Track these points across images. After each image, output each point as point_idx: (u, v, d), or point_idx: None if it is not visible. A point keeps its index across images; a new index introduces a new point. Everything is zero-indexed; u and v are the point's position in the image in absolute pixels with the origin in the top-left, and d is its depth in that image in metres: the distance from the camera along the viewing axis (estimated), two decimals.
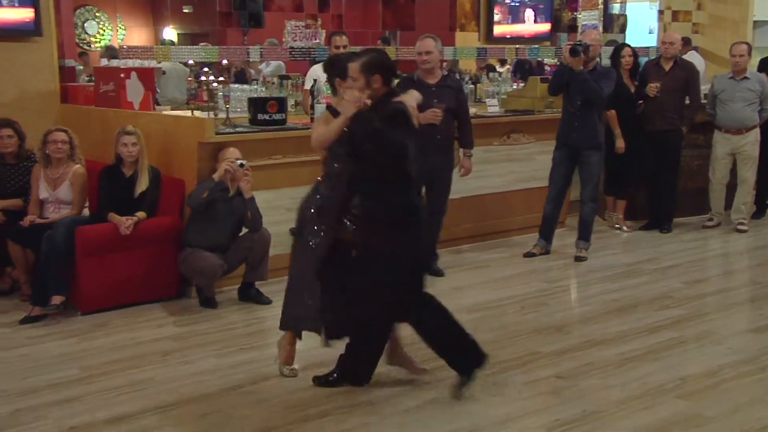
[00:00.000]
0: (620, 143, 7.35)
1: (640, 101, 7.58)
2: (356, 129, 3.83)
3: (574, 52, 6.32)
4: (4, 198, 5.82)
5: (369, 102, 3.84)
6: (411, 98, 4.07)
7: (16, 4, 6.54)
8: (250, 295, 5.55)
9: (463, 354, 4.11)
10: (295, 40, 8.31)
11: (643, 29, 11.41)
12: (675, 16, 10.54)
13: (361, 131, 3.81)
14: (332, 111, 4.14)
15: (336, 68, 4.28)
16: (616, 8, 10.52)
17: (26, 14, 6.59)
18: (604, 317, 5.34)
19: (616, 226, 7.89)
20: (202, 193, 5.33)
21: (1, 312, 5.39)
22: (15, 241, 5.51)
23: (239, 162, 5.35)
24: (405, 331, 4.22)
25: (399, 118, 3.87)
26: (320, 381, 4.18)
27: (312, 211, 4.13)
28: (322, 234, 4.06)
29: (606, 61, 7.64)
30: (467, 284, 6.08)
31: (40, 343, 4.85)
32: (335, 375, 4.17)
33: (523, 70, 10.36)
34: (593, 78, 6.44)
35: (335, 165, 4.06)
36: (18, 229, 5.52)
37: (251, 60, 8.76)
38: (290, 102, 6.98)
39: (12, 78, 6.69)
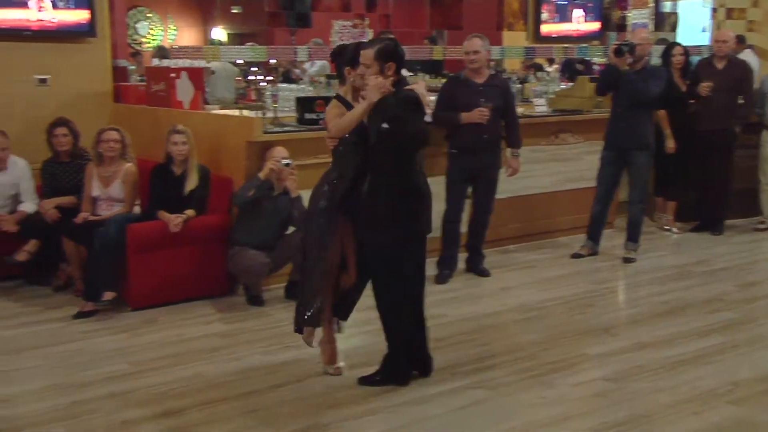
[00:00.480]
0: (671, 143, 7.24)
1: (692, 101, 7.45)
2: (379, 114, 3.88)
3: (618, 52, 6.25)
4: (58, 195, 5.96)
5: (392, 88, 3.90)
6: (421, 86, 4.21)
7: (72, 6, 6.68)
8: (296, 293, 5.58)
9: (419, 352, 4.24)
10: (342, 40, 8.35)
11: (695, 27, 11.20)
12: (729, 13, 10.31)
13: (383, 116, 3.88)
14: (341, 100, 4.16)
15: (344, 56, 4.25)
16: (667, 6, 10.36)
17: (82, 16, 6.73)
18: (653, 320, 5.27)
19: (666, 227, 7.77)
20: (248, 191, 5.38)
21: (55, 307, 5.52)
22: (69, 238, 5.64)
23: (285, 161, 5.39)
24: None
25: (413, 104, 4.00)
26: (365, 381, 4.19)
27: (322, 203, 4.14)
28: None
29: (657, 60, 7.53)
30: (514, 285, 6.05)
31: (93, 338, 4.95)
32: (378, 377, 4.19)
33: (571, 69, 10.27)
34: (642, 77, 6.36)
35: (340, 148, 4.12)
36: (72, 226, 5.64)
37: (298, 59, 8.82)
38: None
39: (68, 78, 6.83)
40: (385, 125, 3.88)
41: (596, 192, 6.78)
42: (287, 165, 5.39)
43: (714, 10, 10.61)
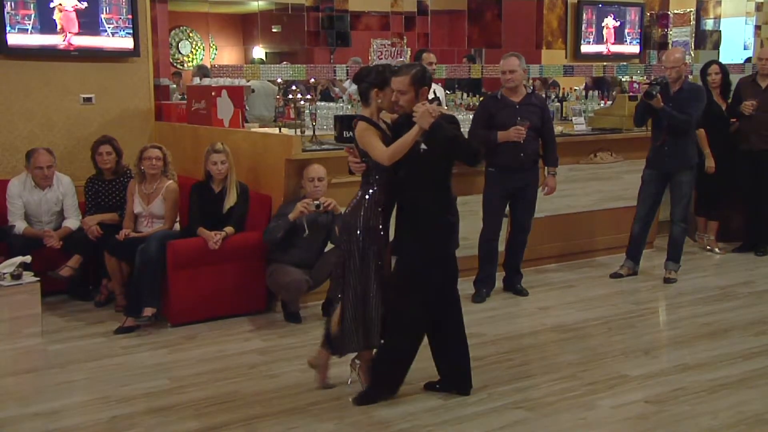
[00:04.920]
0: (710, 163, 7.16)
1: (734, 119, 7.36)
2: (435, 137, 3.96)
3: (648, 95, 6.22)
4: (101, 212, 6.06)
5: (441, 112, 3.99)
6: (443, 109, 4.35)
7: (122, 35, 6.82)
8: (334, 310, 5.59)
9: (460, 371, 4.29)
10: (381, 58, 8.40)
11: (737, 45, 11.08)
12: None
13: (440, 139, 3.97)
14: (370, 122, 4.16)
15: (370, 78, 4.21)
16: (709, 24, 10.25)
17: (127, 43, 6.88)
18: (695, 341, 5.19)
19: (708, 247, 7.67)
20: (278, 233, 5.40)
21: (98, 322, 5.60)
22: (111, 254, 5.72)
23: (315, 203, 5.39)
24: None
25: (455, 124, 4.16)
26: (361, 400, 4.18)
27: (361, 226, 4.14)
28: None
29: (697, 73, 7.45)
30: (552, 304, 6.01)
31: (134, 353, 5.02)
32: (371, 391, 4.21)
33: (605, 87, 10.18)
34: (681, 98, 6.31)
35: (377, 176, 4.14)
36: (113, 242, 5.72)
37: (338, 78, 8.89)
38: None
39: (112, 97, 6.97)
40: (424, 146, 3.98)
41: (636, 211, 6.72)
42: (318, 207, 5.39)
43: (758, 27, 10.49)
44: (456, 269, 4.29)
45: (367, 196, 4.17)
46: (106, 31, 6.74)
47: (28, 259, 5.24)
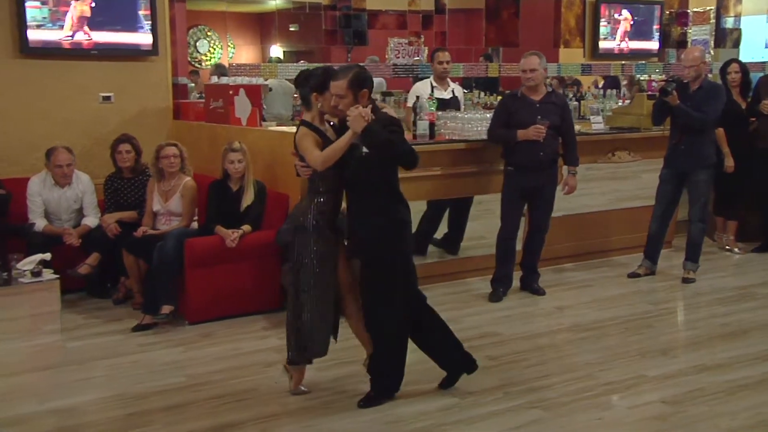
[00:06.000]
0: (729, 162, 7.11)
1: (753, 118, 7.30)
2: (367, 141, 3.92)
3: (664, 93, 6.18)
4: (120, 210, 6.11)
5: (373, 116, 3.92)
6: (389, 111, 4.25)
7: (143, 30, 6.87)
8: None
9: (456, 355, 4.31)
10: (398, 57, 8.39)
11: (758, 43, 10.98)
12: None
13: (372, 143, 3.91)
14: (310, 126, 4.13)
15: (310, 82, 4.19)
16: (729, 22, 10.16)
17: (146, 39, 6.92)
18: (713, 342, 5.15)
19: (727, 247, 7.61)
20: (289, 236, 5.39)
21: (115, 319, 5.64)
22: (129, 251, 5.76)
23: None
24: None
25: (396, 125, 4.05)
26: (366, 403, 4.17)
27: (309, 229, 4.12)
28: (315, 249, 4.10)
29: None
30: (569, 304, 5.98)
31: (151, 351, 5.05)
32: (374, 393, 4.20)
33: (617, 86, 10.13)
34: (699, 97, 6.26)
35: (320, 187, 4.12)
36: (131, 239, 5.76)
37: None
38: None
39: (130, 96, 7.02)
40: (365, 150, 3.94)
41: (654, 210, 6.68)
42: None
43: None
44: (413, 270, 4.23)
45: (313, 206, 4.13)
46: (123, 25, 6.79)
47: (47, 256, 5.27)
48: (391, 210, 4.08)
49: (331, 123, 4.23)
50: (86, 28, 6.67)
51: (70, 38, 6.64)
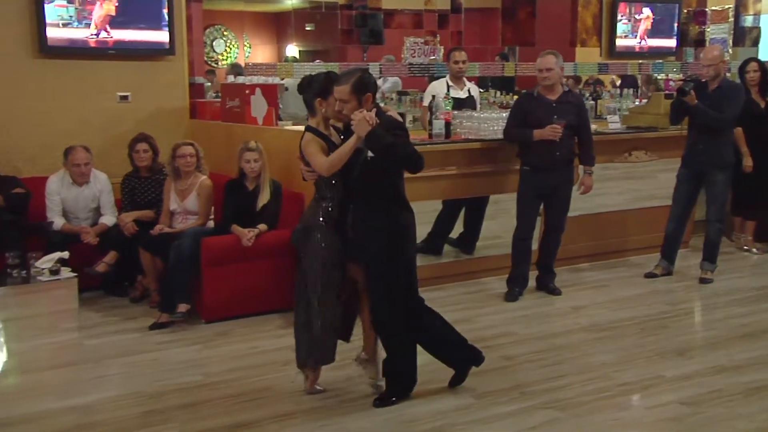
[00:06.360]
0: (748, 162, 7.05)
1: None
2: (371, 145, 3.90)
3: (681, 93, 6.15)
4: (137, 209, 6.14)
5: (377, 120, 3.90)
6: (392, 113, 4.24)
7: (161, 27, 6.91)
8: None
9: (461, 351, 4.31)
10: (414, 57, 8.38)
11: None
12: None
13: (376, 147, 3.89)
14: (315, 132, 4.13)
15: (313, 87, 4.19)
16: (748, 20, 10.08)
17: (162, 37, 6.95)
18: (731, 343, 5.12)
19: (745, 247, 7.56)
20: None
21: (132, 317, 5.68)
22: (145, 250, 5.79)
23: None
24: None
25: (400, 129, 4.07)
26: (381, 403, 4.17)
27: (316, 234, 4.12)
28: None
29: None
30: (585, 304, 5.96)
31: (167, 349, 5.07)
32: (392, 396, 4.20)
33: (631, 84, 10.08)
34: (718, 97, 6.22)
35: (328, 193, 4.13)
36: (148, 238, 5.79)
37: None
38: (408, 117, 7.04)
39: (147, 95, 7.05)
40: (370, 154, 3.92)
41: (671, 210, 6.64)
42: None
43: None
44: (415, 276, 4.22)
45: (320, 210, 4.14)
46: (147, 24, 6.84)
47: (65, 254, 5.31)
48: (395, 216, 4.07)
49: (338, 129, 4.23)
50: (108, 27, 6.72)
51: (95, 37, 6.68)
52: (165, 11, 6.89)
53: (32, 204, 6.09)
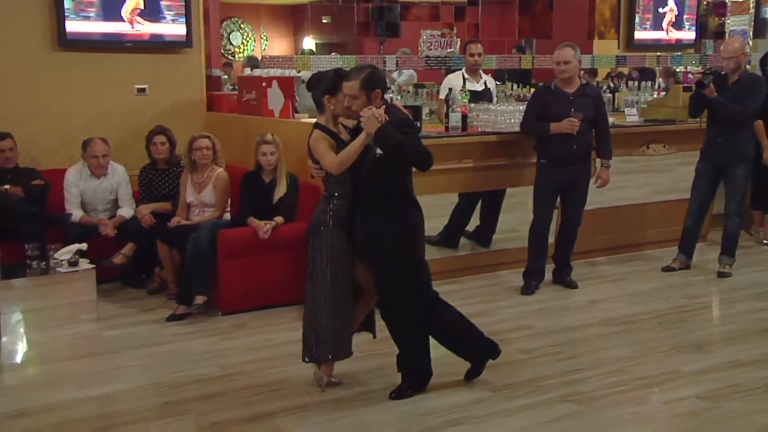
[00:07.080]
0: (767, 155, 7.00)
1: None
2: (380, 142, 3.87)
3: (700, 86, 6.10)
4: (154, 201, 6.17)
5: (387, 117, 3.87)
6: (400, 107, 4.24)
7: (177, 21, 6.93)
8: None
9: (478, 344, 4.28)
10: (430, 49, 8.37)
11: None
12: None
13: (385, 144, 3.86)
14: (324, 129, 4.12)
15: (322, 85, 4.17)
16: None
17: (180, 30, 6.97)
18: (750, 337, 5.09)
19: (764, 241, 7.51)
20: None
21: (150, 309, 5.71)
22: (163, 242, 5.82)
23: None
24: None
25: (410, 126, 4.02)
26: (397, 395, 4.17)
27: (325, 231, 4.11)
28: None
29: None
30: (602, 297, 5.94)
31: (185, 340, 5.10)
32: (408, 388, 4.20)
33: (651, 77, 10.01)
34: (738, 90, 6.17)
35: (336, 192, 4.11)
36: (165, 230, 5.82)
37: (387, 69, 8.90)
38: (425, 110, 7.02)
39: (164, 88, 7.08)
40: (379, 152, 3.90)
41: (690, 204, 6.60)
42: None
43: None
44: (428, 272, 4.20)
45: (328, 208, 4.13)
46: (165, 18, 6.86)
47: (84, 246, 5.36)
48: (403, 214, 4.05)
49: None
50: (138, 18, 6.75)
51: (125, 30, 6.73)
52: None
53: (51, 196, 6.14)
